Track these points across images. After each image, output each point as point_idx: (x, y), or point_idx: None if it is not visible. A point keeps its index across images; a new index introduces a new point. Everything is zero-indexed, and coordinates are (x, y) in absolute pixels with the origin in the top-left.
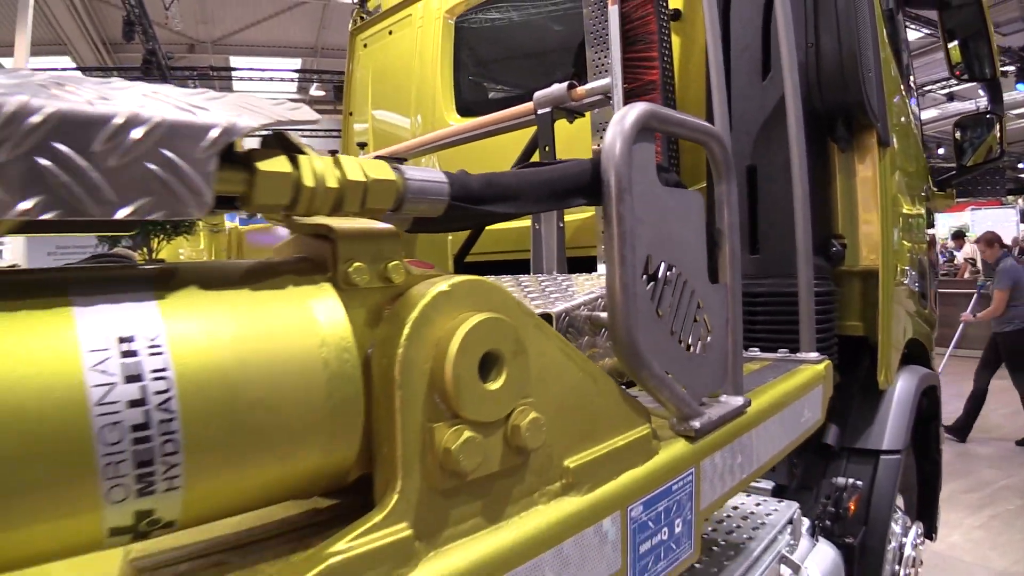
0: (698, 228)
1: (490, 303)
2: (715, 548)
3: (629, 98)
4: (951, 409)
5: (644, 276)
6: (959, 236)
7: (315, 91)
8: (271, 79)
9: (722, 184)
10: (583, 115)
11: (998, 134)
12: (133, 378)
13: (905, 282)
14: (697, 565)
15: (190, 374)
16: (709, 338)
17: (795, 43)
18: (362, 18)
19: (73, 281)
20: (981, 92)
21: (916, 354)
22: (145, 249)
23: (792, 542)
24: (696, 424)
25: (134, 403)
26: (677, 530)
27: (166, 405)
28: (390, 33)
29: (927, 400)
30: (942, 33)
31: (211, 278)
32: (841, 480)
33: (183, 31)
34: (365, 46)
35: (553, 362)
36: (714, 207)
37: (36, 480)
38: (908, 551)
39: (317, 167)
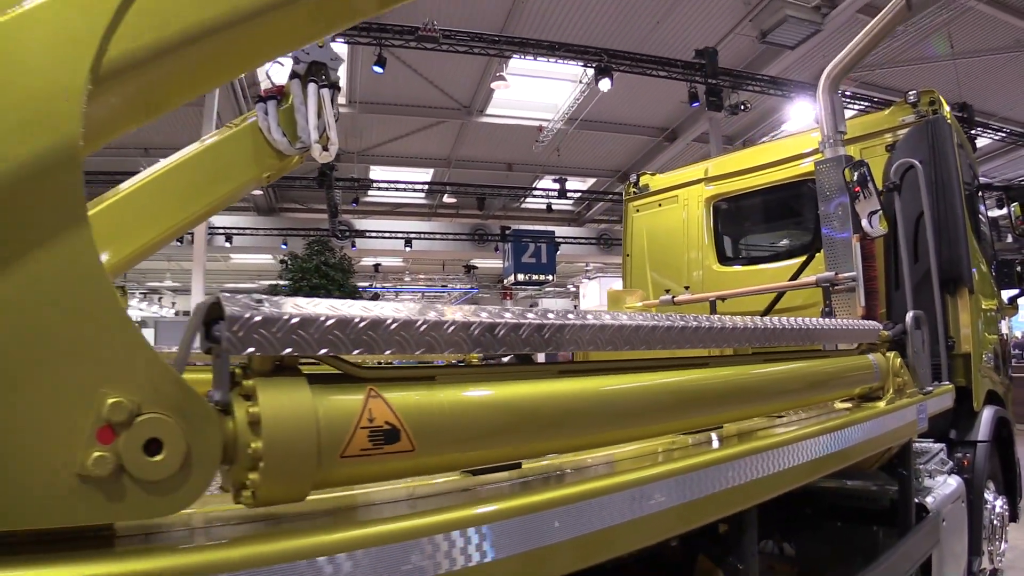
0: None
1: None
2: (913, 451)
3: (865, 282)
4: None
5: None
6: None
7: (447, 199)
8: (404, 188)
9: (922, 329)
10: (834, 287)
11: None
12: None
13: (985, 359)
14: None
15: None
16: (925, 368)
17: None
18: (634, 192)
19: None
20: None
21: (995, 399)
22: None
23: (945, 456)
24: (924, 391)
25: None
26: (925, 415)
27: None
28: (659, 205)
29: (1004, 429)
30: (1007, 201)
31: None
32: (959, 453)
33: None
34: (637, 211)
35: None
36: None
37: None
38: (998, 509)
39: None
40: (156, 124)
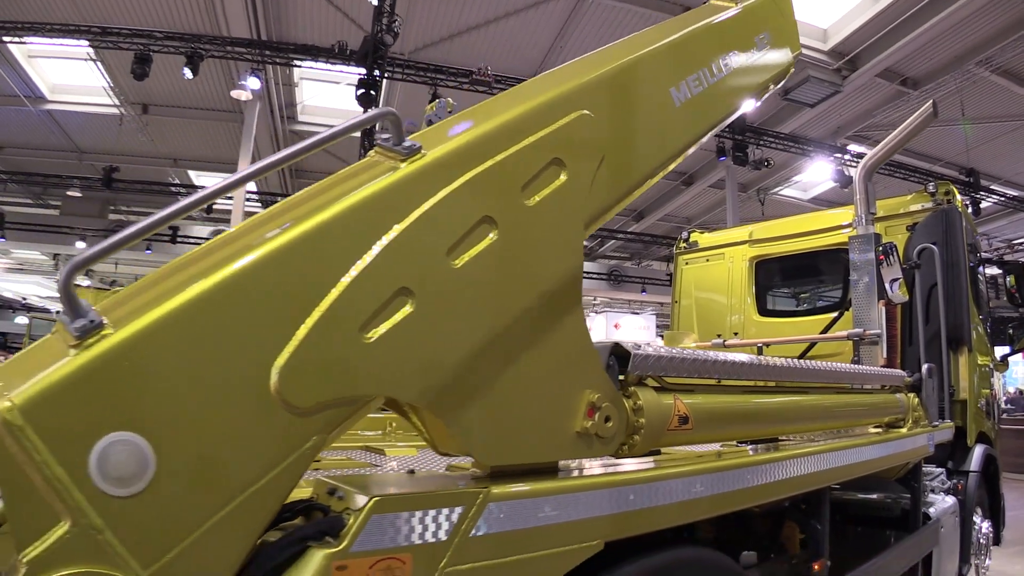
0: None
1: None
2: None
3: (887, 338)
4: None
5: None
6: None
7: None
8: None
9: (933, 378)
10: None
11: None
12: None
13: (979, 406)
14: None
15: None
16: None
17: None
18: (684, 247)
19: None
20: None
21: (985, 439)
22: None
23: (944, 479)
24: (933, 425)
25: None
26: (932, 443)
27: None
28: (707, 260)
29: (991, 464)
30: (1004, 273)
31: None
32: (955, 480)
33: None
34: (687, 264)
35: None
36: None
37: None
38: (984, 530)
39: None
40: (190, 137)
